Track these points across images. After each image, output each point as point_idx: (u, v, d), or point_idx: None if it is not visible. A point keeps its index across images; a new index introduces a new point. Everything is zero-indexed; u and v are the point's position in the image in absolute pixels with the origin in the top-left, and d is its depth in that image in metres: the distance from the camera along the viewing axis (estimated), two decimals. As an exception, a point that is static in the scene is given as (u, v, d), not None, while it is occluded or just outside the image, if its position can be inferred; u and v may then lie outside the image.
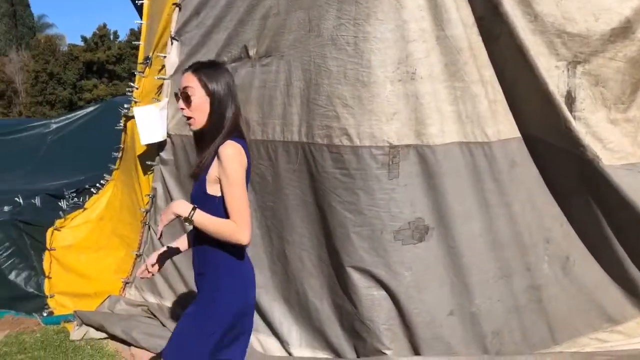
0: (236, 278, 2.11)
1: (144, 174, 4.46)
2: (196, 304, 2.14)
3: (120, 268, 4.55)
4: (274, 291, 3.50)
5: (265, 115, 3.29)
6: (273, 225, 3.42)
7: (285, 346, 3.43)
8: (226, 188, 1.98)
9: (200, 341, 2.05)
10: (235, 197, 1.97)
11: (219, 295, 2.07)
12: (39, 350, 3.80)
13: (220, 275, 2.08)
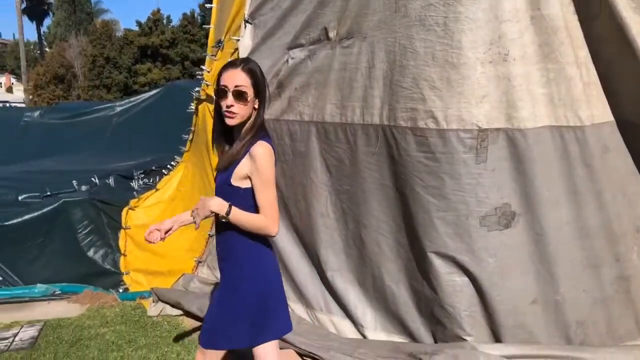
0: (255, 266, 2.18)
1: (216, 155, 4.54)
2: (222, 291, 2.23)
3: (192, 247, 4.67)
4: (348, 274, 3.51)
5: (344, 98, 3.27)
6: (349, 209, 3.41)
7: (359, 329, 3.44)
8: (259, 185, 2.08)
9: (235, 327, 2.16)
10: (268, 194, 2.09)
11: (240, 285, 2.17)
12: (120, 324, 3.95)
13: (241, 265, 2.17)
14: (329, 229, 3.56)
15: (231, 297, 2.18)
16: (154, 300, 4.20)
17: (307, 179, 3.62)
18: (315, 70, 3.47)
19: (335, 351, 3.23)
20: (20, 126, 8.64)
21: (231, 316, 2.16)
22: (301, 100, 3.60)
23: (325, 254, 3.58)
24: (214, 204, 2.05)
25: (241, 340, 2.18)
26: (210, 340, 2.21)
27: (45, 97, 28.56)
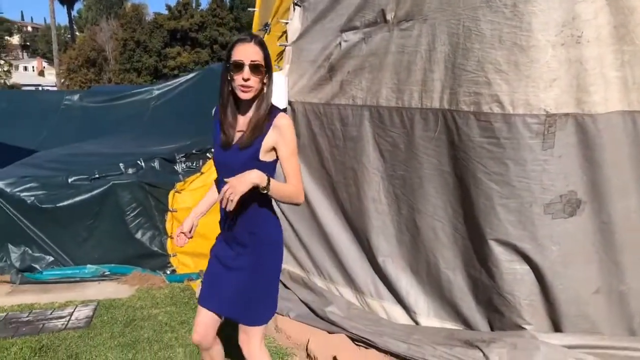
0: (280, 232, 2.33)
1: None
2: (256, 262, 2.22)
3: (238, 231, 4.70)
4: (400, 260, 3.48)
5: (401, 82, 3.21)
6: (402, 194, 3.37)
7: (411, 315, 3.42)
8: (286, 155, 2.15)
9: (275, 290, 2.31)
10: (295, 164, 2.18)
11: (276, 248, 2.29)
12: (170, 306, 4.01)
13: (272, 232, 2.26)
14: (380, 214, 3.53)
15: (268, 263, 2.25)
16: (203, 283, 4.25)
17: (358, 163, 3.59)
18: (370, 54, 3.41)
19: (388, 337, 3.22)
20: (60, 109, 8.78)
21: (261, 293, 2.24)
22: (354, 83, 3.56)
23: (376, 239, 3.56)
24: (255, 176, 2.01)
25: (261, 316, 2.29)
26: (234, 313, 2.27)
27: (77, 81, 29.07)
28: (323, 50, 3.80)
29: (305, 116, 4.03)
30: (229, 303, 2.25)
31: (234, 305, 2.25)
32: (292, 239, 4.23)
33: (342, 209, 3.84)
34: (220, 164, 2.19)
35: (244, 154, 2.11)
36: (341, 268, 3.84)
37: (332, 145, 3.81)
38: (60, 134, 8.37)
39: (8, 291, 4.35)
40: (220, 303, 2.27)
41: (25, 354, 3.24)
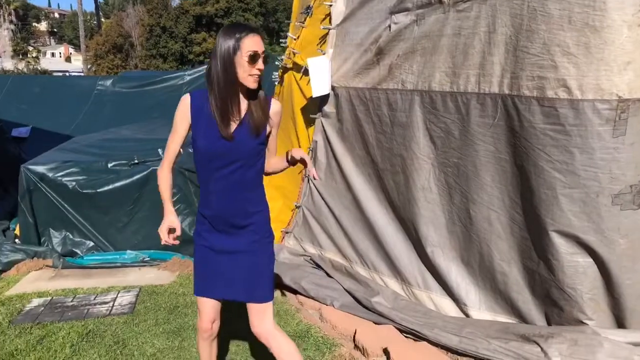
0: (268, 222, 2.34)
1: (303, 126, 4.45)
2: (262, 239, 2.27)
3: (278, 218, 4.63)
4: (450, 251, 3.38)
5: (456, 65, 3.08)
6: (455, 183, 3.26)
7: (461, 307, 3.32)
8: (275, 134, 2.33)
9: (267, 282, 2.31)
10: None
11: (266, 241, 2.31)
12: (213, 292, 3.97)
13: (267, 209, 2.33)
14: (430, 203, 3.42)
15: (268, 239, 2.31)
16: (244, 270, 4.21)
17: (407, 150, 3.48)
18: (422, 36, 3.28)
19: (439, 329, 3.13)
20: (93, 95, 8.82)
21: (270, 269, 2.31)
22: (404, 67, 3.44)
23: (425, 229, 3.46)
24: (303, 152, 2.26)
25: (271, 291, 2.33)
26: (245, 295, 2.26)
27: (104, 67, 29.31)
28: (370, 33, 3.68)
29: (349, 101, 3.92)
30: (238, 286, 2.25)
31: (244, 287, 2.25)
32: (333, 226, 4.15)
33: (387, 198, 3.74)
34: (219, 155, 2.12)
35: (254, 140, 2.14)
36: (386, 258, 3.75)
37: (379, 131, 3.70)
38: (94, 119, 8.43)
39: (51, 275, 4.37)
40: (226, 288, 2.27)
41: (72, 339, 3.24)
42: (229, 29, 2.08)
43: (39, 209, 4.63)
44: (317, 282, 3.81)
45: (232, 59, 2.03)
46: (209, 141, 2.10)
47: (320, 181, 4.27)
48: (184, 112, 2.13)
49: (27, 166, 4.58)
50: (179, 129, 2.17)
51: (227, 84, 2.05)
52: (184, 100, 2.14)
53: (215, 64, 2.04)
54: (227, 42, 2.02)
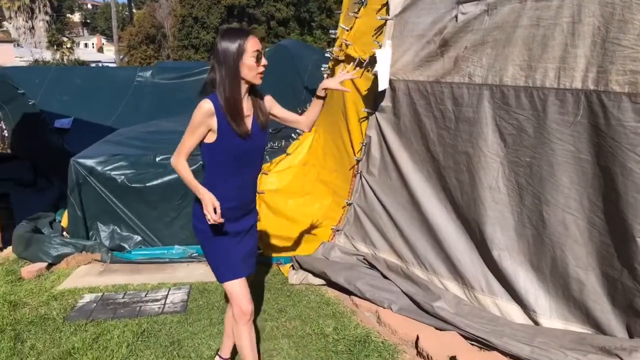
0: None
1: (356, 121, 4.30)
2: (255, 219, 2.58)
3: (327, 215, 4.51)
4: (518, 255, 3.20)
5: (533, 59, 2.89)
6: (527, 183, 3.07)
7: (530, 314, 3.15)
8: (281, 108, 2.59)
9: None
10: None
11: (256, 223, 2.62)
12: (265, 291, 3.88)
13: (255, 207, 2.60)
14: (498, 204, 3.24)
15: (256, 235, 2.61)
16: (295, 268, 4.10)
17: (474, 148, 3.30)
18: (494, 27, 3.09)
19: (509, 337, 2.97)
20: (133, 86, 8.81)
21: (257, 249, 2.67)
22: (471, 60, 3.25)
23: (491, 231, 3.28)
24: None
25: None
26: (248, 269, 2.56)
27: (137, 57, 29.56)
28: (434, 24, 3.50)
29: (407, 95, 3.75)
30: (247, 262, 2.54)
31: (251, 262, 2.58)
32: (387, 225, 4.01)
33: (449, 197, 3.57)
34: (244, 153, 2.30)
35: (264, 134, 2.38)
36: (446, 259, 3.59)
37: (441, 127, 3.53)
38: (134, 110, 8.42)
39: (100, 270, 4.34)
40: (248, 266, 2.55)
41: (127, 338, 3.18)
42: (230, 34, 2.21)
43: (87, 202, 4.60)
44: (373, 283, 3.68)
45: (238, 62, 2.17)
46: (235, 142, 2.25)
47: (373, 178, 4.13)
48: (205, 117, 2.21)
49: (76, 159, 4.54)
50: (198, 132, 2.25)
51: (236, 85, 2.20)
52: (205, 107, 2.20)
53: (222, 68, 2.18)
54: (232, 46, 2.17)
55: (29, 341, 3.16)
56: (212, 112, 2.20)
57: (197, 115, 2.20)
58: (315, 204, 4.57)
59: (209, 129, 2.24)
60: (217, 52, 2.19)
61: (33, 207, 6.01)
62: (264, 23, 29.71)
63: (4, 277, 4.20)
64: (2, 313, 3.53)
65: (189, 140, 2.27)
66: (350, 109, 4.33)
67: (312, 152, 4.88)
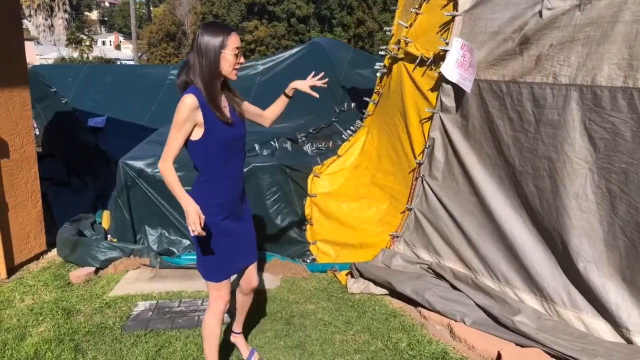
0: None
1: (416, 121, 4.10)
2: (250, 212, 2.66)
3: (384, 220, 4.33)
4: (608, 268, 2.99)
5: (635, 57, 2.67)
6: (621, 192, 2.86)
7: (622, 332, 2.94)
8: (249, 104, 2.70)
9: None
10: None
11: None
12: (325, 301, 3.71)
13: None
14: (585, 213, 3.03)
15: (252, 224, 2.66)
16: (355, 276, 3.92)
17: (558, 152, 3.09)
18: (587, 23, 2.87)
19: (603, 358, 2.76)
20: (166, 84, 8.68)
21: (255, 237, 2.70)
22: (557, 59, 3.04)
23: (577, 242, 3.07)
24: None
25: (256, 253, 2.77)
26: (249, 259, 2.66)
27: (157, 55, 29.57)
28: (513, 20, 3.29)
29: (477, 95, 3.55)
30: (248, 253, 2.63)
31: (251, 252, 2.66)
32: (453, 232, 3.81)
33: (525, 204, 3.37)
34: (232, 141, 2.36)
35: (243, 123, 2.47)
36: (521, 270, 3.39)
37: (517, 129, 3.32)
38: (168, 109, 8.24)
39: (150, 276, 4.19)
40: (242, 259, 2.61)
41: (192, 351, 3.02)
42: (213, 28, 2.28)
43: (135, 205, 4.46)
44: (442, 295, 3.48)
45: (219, 55, 2.24)
46: (224, 131, 2.30)
47: (437, 182, 3.93)
48: (191, 111, 2.21)
49: (125, 161, 4.41)
50: (184, 129, 2.25)
51: (214, 76, 2.26)
52: (189, 101, 2.20)
53: (201, 59, 2.23)
54: (214, 40, 2.23)
55: (89, 353, 3.02)
56: (197, 105, 2.21)
57: (182, 111, 2.20)
58: (371, 208, 4.39)
59: (194, 124, 2.25)
60: (199, 45, 2.24)
61: (71, 207, 5.92)
62: (284, 20, 29.55)
63: (53, 281, 4.08)
64: (58, 321, 3.40)
65: (175, 139, 2.25)
66: (410, 109, 4.14)
67: (365, 154, 4.70)
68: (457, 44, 3.66)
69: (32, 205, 4.57)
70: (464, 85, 3.60)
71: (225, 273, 2.49)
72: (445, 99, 3.82)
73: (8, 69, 4.25)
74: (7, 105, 4.24)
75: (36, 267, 4.47)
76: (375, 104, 4.70)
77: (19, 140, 4.38)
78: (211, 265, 2.44)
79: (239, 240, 2.52)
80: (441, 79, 3.80)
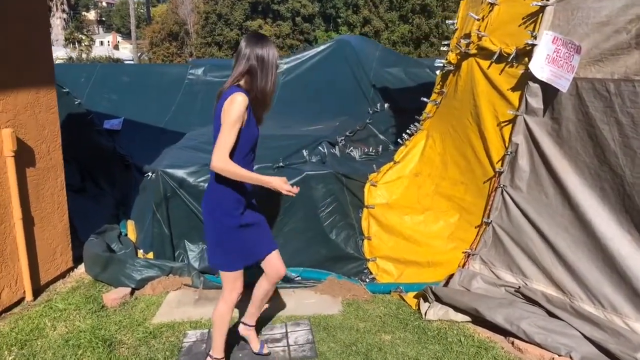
0: None
1: (493, 125, 3.67)
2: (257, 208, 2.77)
3: (454, 235, 3.89)
4: None
5: None
6: None
7: None
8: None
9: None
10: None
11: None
12: (401, 330, 3.27)
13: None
14: None
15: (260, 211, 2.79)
16: (430, 300, 3.48)
17: (687, 162, 2.66)
18: None
19: None
20: (185, 84, 8.22)
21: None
22: (689, 53, 2.61)
23: None
24: None
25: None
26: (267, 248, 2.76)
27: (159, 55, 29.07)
28: (627, 9, 2.86)
29: (575, 95, 3.12)
30: (265, 242, 2.74)
31: (269, 241, 2.77)
32: (542, 251, 3.37)
33: (636, 220, 2.93)
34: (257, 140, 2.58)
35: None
36: (632, 296, 2.95)
37: (629, 135, 2.89)
38: (188, 110, 7.85)
39: (195, 298, 3.75)
40: (260, 249, 2.72)
41: (264, 396, 2.58)
42: (267, 39, 2.52)
43: (174, 218, 4.01)
44: (541, 324, 3.05)
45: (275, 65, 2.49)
46: (254, 130, 2.52)
47: (521, 193, 3.50)
48: (244, 109, 2.38)
49: (164, 170, 3.94)
50: (237, 126, 2.39)
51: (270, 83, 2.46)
52: (242, 100, 2.37)
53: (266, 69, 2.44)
54: (273, 50, 2.48)
55: (144, 398, 2.58)
56: (247, 104, 2.40)
57: (237, 109, 2.35)
58: (439, 221, 3.95)
59: (242, 121, 2.41)
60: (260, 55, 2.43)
61: (92, 217, 5.47)
62: (288, 19, 29.07)
63: (85, 304, 3.64)
64: (100, 356, 2.96)
65: (231, 136, 2.39)
66: (485, 111, 3.71)
67: (426, 160, 4.26)
68: (547, 38, 3.23)
69: (59, 218, 4.12)
70: (558, 84, 3.17)
71: (244, 261, 2.62)
72: (531, 100, 3.38)
73: (34, 68, 3.81)
74: (32, 108, 3.79)
75: (64, 286, 4.02)
76: (436, 104, 4.26)
77: (45, 147, 3.93)
78: (232, 256, 2.57)
79: (256, 230, 2.67)
80: (527, 77, 3.37)
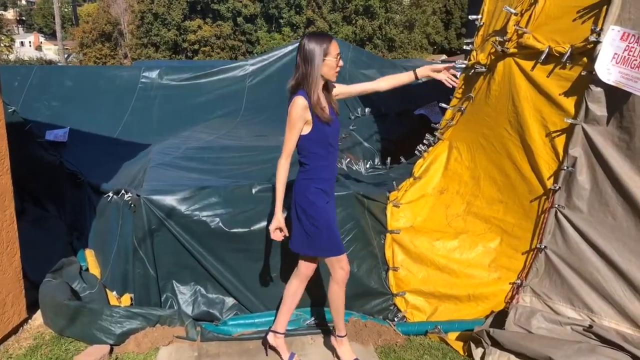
0: None
1: (540, 134, 3.18)
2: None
3: (497, 263, 3.37)
4: None
5: None
6: None
7: None
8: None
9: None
10: None
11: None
12: (461, 386, 2.71)
13: None
14: None
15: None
16: (485, 345, 2.94)
17: None
18: None
19: None
20: (138, 88, 7.33)
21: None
22: None
23: None
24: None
25: None
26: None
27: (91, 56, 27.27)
28: None
29: (651, 102, 2.68)
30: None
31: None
32: (611, 281, 2.93)
33: None
34: (330, 136, 2.66)
35: (337, 118, 2.71)
36: None
37: None
38: (143, 118, 6.99)
39: (193, 355, 3.02)
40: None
41: None
42: (316, 39, 2.55)
43: (160, 255, 3.26)
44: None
45: (322, 62, 2.53)
46: (324, 128, 2.60)
47: (581, 214, 3.02)
48: (303, 110, 2.52)
49: (147, 197, 3.16)
50: (297, 127, 2.56)
51: (320, 81, 2.56)
52: (300, 102, 2.51)
53: (311, 67, 2.51)
54: (318, 48, 2.52)
55: None
56: (307, 105, 2.51)
57: (295, 111, 2.51)
58: (476, 247, 3.42)
59: (305, 121, 2.55)
60: (305, 52, 2.51)
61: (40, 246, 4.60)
62: (229, 20, 28.07)
63: (51, 374, 2.83)
64: None
65: (292, 137, 2.57)
66: (529, 119, 3.21)
67: (452, 174, 3.72)
68: (615, 34, 2.78)
69: (8, 260, 3.28)
70: (632, 88, 2.71)
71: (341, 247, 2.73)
72: (593, 106, 2.92)
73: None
74: (-28, 122, 2.94)
75: (18, 346, 3.20)
76: (461, 111, 3.73)
77: (-10, 171, 3.07)
78: (334, 241, 2.68)
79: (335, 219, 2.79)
80: (587, 80, 2.91)
